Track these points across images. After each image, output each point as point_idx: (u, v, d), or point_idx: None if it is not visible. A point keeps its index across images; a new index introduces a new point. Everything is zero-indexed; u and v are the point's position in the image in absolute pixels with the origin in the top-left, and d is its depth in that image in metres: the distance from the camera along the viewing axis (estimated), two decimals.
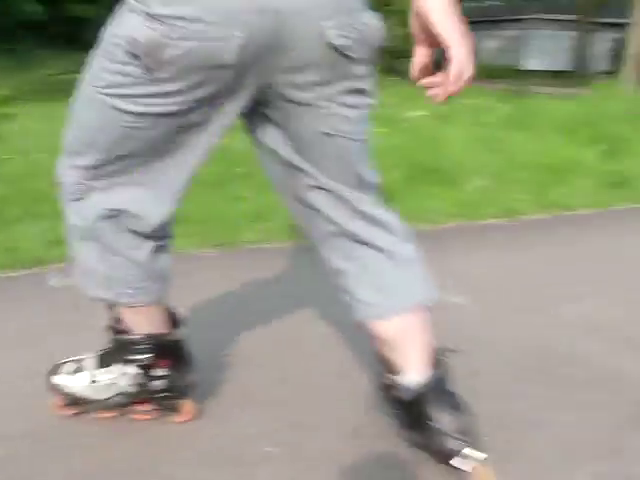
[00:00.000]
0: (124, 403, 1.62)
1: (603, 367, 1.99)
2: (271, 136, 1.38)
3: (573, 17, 31.91)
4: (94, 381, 1.61)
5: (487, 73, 33.23)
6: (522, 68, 33.11)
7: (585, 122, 5.65)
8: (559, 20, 34.33)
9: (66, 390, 1.63)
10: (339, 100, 1.29)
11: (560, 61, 34.09)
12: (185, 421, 1.62)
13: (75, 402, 1.63)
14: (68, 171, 1.38)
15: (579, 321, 2.33)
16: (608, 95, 6.14)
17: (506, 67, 33.17)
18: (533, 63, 34.27)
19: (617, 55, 25.96)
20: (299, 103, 1.28)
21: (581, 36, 31.45)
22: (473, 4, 43.75)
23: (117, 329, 1.56)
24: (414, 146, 4.50)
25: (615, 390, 1.85)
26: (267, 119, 1.36)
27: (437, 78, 1.28)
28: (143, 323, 1.53)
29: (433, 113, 5.62)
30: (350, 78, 1.28)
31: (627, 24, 16.13)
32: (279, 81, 1.25)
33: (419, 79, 1.33)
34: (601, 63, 33.40)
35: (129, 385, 1.59)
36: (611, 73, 20.57)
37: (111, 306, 1.54)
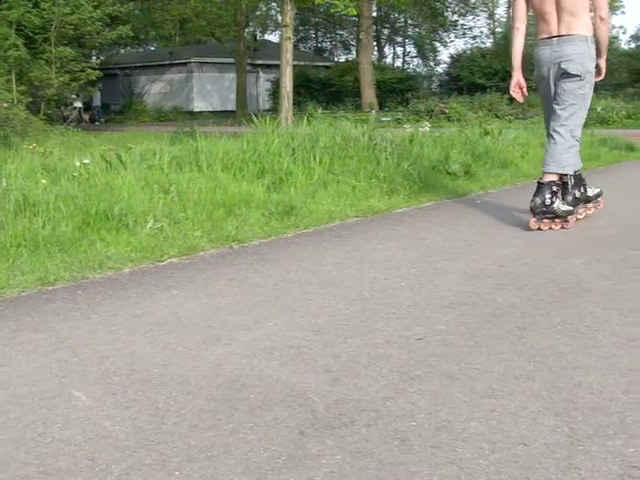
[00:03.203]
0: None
1: (278, 384, 2.13)
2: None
3: (232, 60, 33.61)
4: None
5: (156, 117, 33.64)
6: (190, 110, 34.09)
7: (251, 158, 5.97)
8: (219, 63, 35.95)
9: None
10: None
11: (225, 102, 35.71)
12: None
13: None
14: None
15: (255, 345, 2.47)
16: (270, 131, 6.55)
17: (175, 110, 33.91)
18: (200, 105, 35.45)
19: (275, 94, 27.96)
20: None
21: (240, 77, 33.22)
22: (134, 50, 44.09)
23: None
24: (85, 194, 4.39)
25: (291, 403, 1.99)
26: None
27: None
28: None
29: (102, 160, 5.54)
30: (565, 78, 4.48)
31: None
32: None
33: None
34: (263, 102, 35.66)
35: None
36: (272, 111, 22.05)
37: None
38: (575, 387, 2.09)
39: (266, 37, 45.05)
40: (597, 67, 4.60)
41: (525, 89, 4.71)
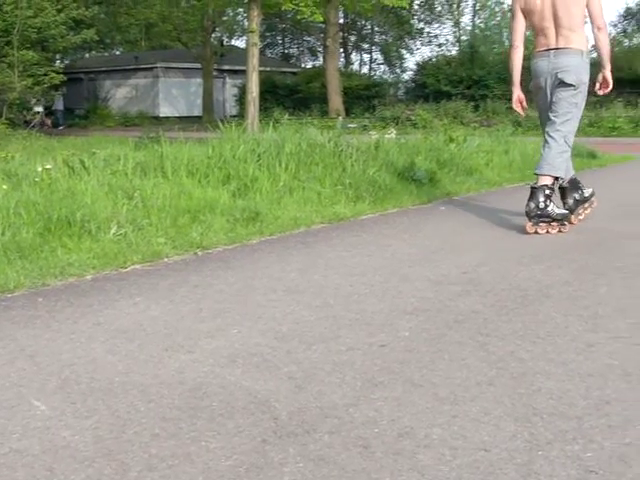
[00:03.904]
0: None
1: (241, 392, 2.12)
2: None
3: (198, 65, 33.45)
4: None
5: (122, 122, 33.37)
6: (156, 115, 33.85)
7: (217, 164, 5.95)
8: (186, 68, 35.76)
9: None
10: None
11: (191, 107, 35.54)
12: None
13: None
14: None
15: (218, 352, 2.46)
16: (236, 137, 6.53)
17: (141, 115, 33.65)
18: (166, 110, 35.22)
19: (242, 99, 27.90)
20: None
21: (207, 83, 33.10)
22: (99, 54, 43.67)
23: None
24: (46, 200, 4.33)
25: (254, 411, 1.98)
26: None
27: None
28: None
29: (65, 165, 5.47)
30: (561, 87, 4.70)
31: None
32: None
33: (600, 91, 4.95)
34: (230, 107, 35.55)
35: None
36: (239, 116, 22.01)
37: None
38: (535, 393, 2.11)
39: (233, 43, 44.90)
40: (603, 79, 4.80)
41: (525, 102, 4.97)
